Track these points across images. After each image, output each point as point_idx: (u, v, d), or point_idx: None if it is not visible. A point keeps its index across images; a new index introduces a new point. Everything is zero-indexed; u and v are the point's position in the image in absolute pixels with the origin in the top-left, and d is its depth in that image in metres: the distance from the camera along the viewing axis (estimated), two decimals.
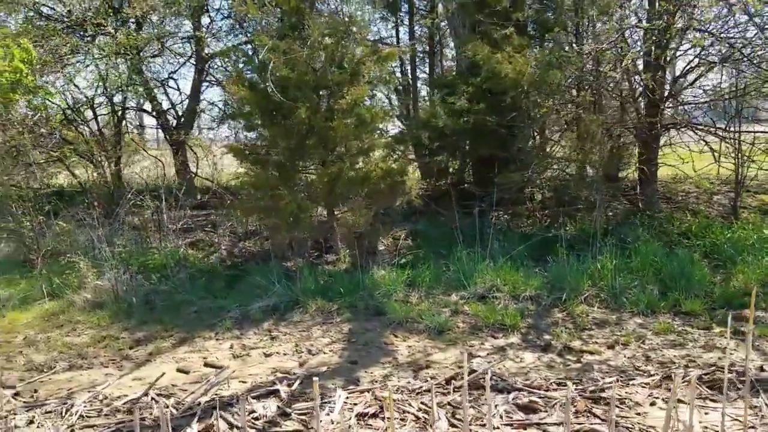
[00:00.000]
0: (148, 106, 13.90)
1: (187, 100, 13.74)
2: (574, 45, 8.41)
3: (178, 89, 15.91)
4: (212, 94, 25.70)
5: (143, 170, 13.05)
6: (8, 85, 8.19)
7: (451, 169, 10.62)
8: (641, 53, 7.54)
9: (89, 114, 12.47)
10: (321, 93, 7.44)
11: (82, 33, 11.41)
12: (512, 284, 6.84)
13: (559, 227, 8.71)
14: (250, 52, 7.82)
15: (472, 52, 7.95)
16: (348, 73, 7.22)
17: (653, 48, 7.38)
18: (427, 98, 13.35)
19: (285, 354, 5.60)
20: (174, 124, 13.21)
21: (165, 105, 13.58)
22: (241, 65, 7.78)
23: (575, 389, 4.42)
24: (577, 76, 8.32)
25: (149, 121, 15.09)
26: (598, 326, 5.93)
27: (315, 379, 3.41)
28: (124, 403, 4.54)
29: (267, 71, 6.73)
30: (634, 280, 6.72)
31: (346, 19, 8.08)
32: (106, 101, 12.65)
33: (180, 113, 13.67)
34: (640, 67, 8.58)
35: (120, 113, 13.04)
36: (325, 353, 5.59)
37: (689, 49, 8.64)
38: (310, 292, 6.99)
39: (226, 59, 7.89)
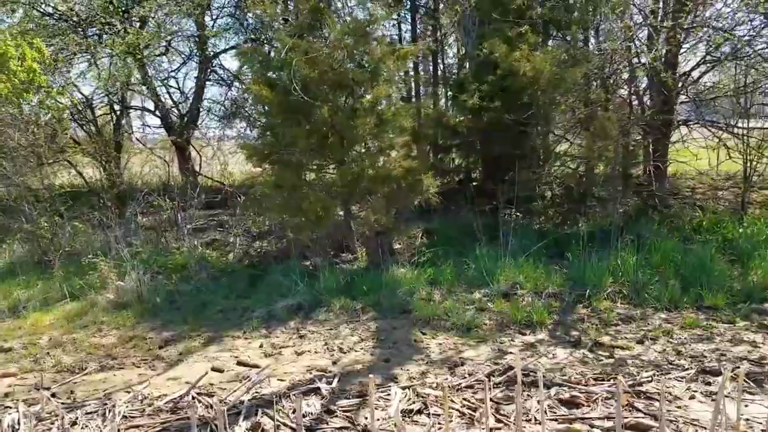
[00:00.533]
0: (149, 105, 13.85)
1: (191, 99, 13.67)
2: (580, 43, 8.47)
3: (179, 88, 15.81)
4: (214, 92, 25.46)
5: (145, 169, 12.98)
6: (21, 85, 8.15)
7: (462, 167, 10.65)
8: (661, 51, 7.61)
9: (91, 114, 12.39)
10: (340, 92, 7.44)
11: (82, 32, 11.30)
12: (534, 281, 6.90)
13: (572, 224, 8.79)
14: (268, 52, 7.78)
15: (490, 50, 7.98)
16: (368, 72, 7.24)
17: (668, 45, 7.46)
18: (428, 96, 13.37)
19: (316, 352, 5.62)
20: (177, 124, 13.14)
21: (168, 104, 13.52)
22: (258, 65, 7.72)
23: (611, 384, 4.47)
24: (588, 73, 8.39)
25: (151, 120, 15.00)
26: (623, 322, 6.00)
27: (371, 376, 3.46)
28: (166, 403, 4.54)
29: (290, 70, 6.73)
30: (654, 275, 6.79)
31: (361, 16, 8.12)
32: (108, 101, 12.58)
33: (183, 112, 13.60)
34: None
35: (119, 112, 12.96)
36: (356, 351, 5.62)
37: (696, 44, 8.77)
38: (332, 291, 7.01)
39: (243, 59, 7.89)
